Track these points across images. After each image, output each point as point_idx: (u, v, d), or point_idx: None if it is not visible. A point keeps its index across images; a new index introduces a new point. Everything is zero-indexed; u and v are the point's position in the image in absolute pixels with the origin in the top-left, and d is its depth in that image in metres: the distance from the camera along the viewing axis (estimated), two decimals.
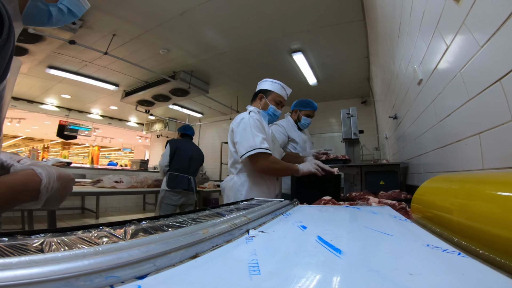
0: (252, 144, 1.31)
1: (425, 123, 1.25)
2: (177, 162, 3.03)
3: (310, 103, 2.29)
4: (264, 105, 1.58)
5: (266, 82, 1.65)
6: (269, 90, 1.60)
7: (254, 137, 1.33)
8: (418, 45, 1.18)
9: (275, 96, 1.60)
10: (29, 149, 12.39)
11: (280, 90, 1.62)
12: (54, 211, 2.30)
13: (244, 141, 1.34)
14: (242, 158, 1.34)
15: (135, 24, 3.44)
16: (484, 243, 0.34)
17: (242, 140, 1.36)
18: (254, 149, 1.30)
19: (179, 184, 2.97)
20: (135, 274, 0.25)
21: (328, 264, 0.31)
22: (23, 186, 0.45)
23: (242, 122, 1.41)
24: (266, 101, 1.58)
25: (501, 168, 0.62)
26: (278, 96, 1.60)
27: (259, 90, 1.64)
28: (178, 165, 3.04)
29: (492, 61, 0.62)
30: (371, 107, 5.22)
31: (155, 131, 8.44)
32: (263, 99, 1.58)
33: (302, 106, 2.28)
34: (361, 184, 1.89)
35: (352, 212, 0.76)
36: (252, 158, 1.33)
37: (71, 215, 4.44)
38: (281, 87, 1.63)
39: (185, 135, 3.34)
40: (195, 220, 0.52)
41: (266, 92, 1.60)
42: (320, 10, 3.10)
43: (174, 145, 3.08)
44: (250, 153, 1.30)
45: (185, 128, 3.39)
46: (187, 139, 3.31)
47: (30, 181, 0.46)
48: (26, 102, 6.23)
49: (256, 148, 1.30)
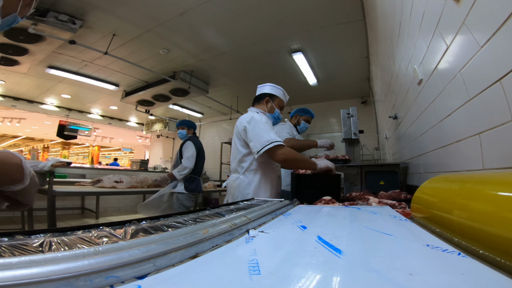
0: (268, 138, 1.36)
1: (425, 123, 1.25)
2: (199, 164, 2.85)
3: (309, 111, 2.54)
4: (271, 108, 1.63)
5: (269, 87, 1.67)
6: (274, 95, 1.65)
7: (269, 132, 1.38)
8: (418, 45, 1.18)
9: (279, 101, 1.66)
10: (29, 149, 12.39)
11: (283, 96, 1.69)
12: (54, 211, 2.30)
13: (259, 137, 1.38)
14: (259, 153, 1.36)
15: (135, 24, 3.44)
16: (484, 243, 0.34)
17: (257, 136, 1.39)
18: (271, 142, 1.35)
19: (197, 187, 2.81)
20: (135, 274, 0.25)
21: (328, 264, 0.31)
22: (8, 159, 0.47)
23: (253, 120, 1.43)
24: (273, 105, 1.63)
25: (501, 168, 0.62)
26: (281, 101, 1.67)
27: (264, 93, 1.66)
28: (200, 167, 2.86)
29: (492, 61, 0.62)
30: (371, 107, 5.22)
31: (155, 131, 8.44)
32: (269, 103, 1.63)
33: (302, 112, 2.52)
34: (361, 184, 1.89)
35: (352, 212, 0.76)
36: (270, 151, 1.36)
37: (71, 215, 4.44)
38: (283, 93, 1.70)
39: (193, 131, 3.10)
40: (195, 220, 0.52)
41: (271, 97, 1.64)
42: (320, 10, 3.10)
43: (197, 145, 2.86)
44: (268, 146, 1.34)
45: (191, 124, 3.10)
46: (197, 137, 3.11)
47: (12, 156, 0.48)
48: (26, 102, 6.23)
49: (273, 141, 1.35)
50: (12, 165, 0.47)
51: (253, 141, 1.40)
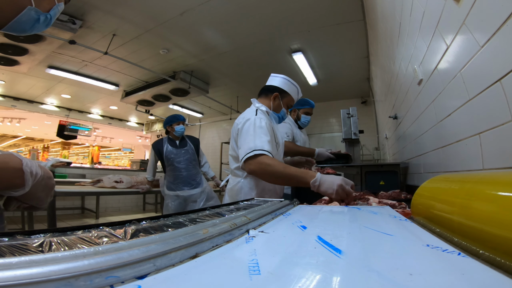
0: (251, 145, 1.16)
1: (425, 123, 1.25)
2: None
3: (308, 101, 2.26)
4: (277, 106, 1.41)
5: (283, 80, 1.43)
6: (286, 92, 1.42)
7: (256, 138, 1.18)
8: (418, 45, 1.18)
9: (289, 100, 1.44)
10: (29, 149, 12.39)
11: (295, 95, 1.46)
12: (54, 211, 2.29)
13: (245, 144, 1.20)
14: (241, 161, 1.20)
15: (135, 24, 3.44)
16: (484, 243, 0.34)
17: (244, 142, 1.22)
18: (252, 150, 1.15)
19: None
20: (135, 274, 0.25)
21: (328, 264, 0.31)
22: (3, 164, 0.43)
23: (247, 123, 1.27)
24: (280, 103, 1.41)
25: (501, 168, 0.62)
26: (292, 100, 1.45)
27: (274, 87, 1.43)
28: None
29: (492, 61, 0.62)
30: (371, 107, 5.22)
31: (155, 131, 8.45)
32: (277, 99, 1.41)
33: (300, 105, 2.25)
34: (361, 184, 1.89)
35: (352, 212, 0.76)
36: (248, 161, 1.16)
37: (71, 215, 4.44)
38: (297, 90, 1.46)
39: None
40: (195, 220, 0.52)
41: (282, 93, 1.42)
42: (320, 10, 3.10)
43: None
44: (248, 154, 1.14)
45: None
46: None
47: (10, 160, 0.44)
48: (26, 102, 6.23)
49: (255, 149, 1.14)
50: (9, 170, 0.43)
51: (240, 148, 1.22)
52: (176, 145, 2.73)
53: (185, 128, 2.83)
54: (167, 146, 2.70)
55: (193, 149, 2.80)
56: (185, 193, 2.69)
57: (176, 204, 2.67)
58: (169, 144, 2.71)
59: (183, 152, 2.73)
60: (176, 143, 2.74)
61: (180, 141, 2.77)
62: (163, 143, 2.73)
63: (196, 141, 2.91)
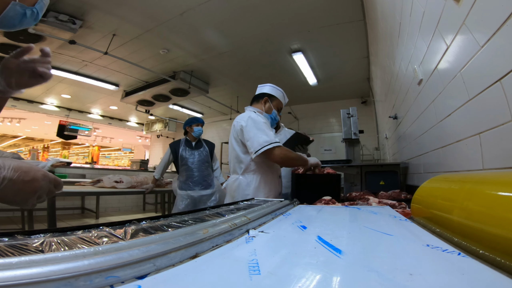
0: (267, 139, 1.35)
1: (425, 123, 1.25)
2: None
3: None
4: (268, 109, 1.61)
5: (269, 87, 1.66)
6: (273, 96, 1.63)
7: (267, 132, 1.38)
8: (418, 45, 1.18)
9: (278, 103, 1.64)
10: (29, 149, 12.39)
11: (282, 98, 1.67)
12: (54, 211, 2.29)
13: (257, 137, 1.37)
14: (257, 153, 1.35)
15: (135, 24, 3.44)
16: (484, 243, 0.34)
17: (254, 136, 1.38)
18: (270, 143, 1.34)
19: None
20: (135, 274, 0.25)
21: (328, 264, 0.31)
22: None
23: (250, 119, 1.42)
24: (271, 106, 1.61)
25: (501, 168, 0.62)
26: (280, 103, 1.65)
27: (263, 93, 1.64)
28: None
29: (492, 61, 0.62)
30: (371, 107, 5.22)
31: (155, 131, 8.44)
32: (267, 103, 1.60)
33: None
34: (361, 184, 1.89)
35: (352, 212, 0.76)
36: (268, 152, 1.37)
37: (71, 215, 4.44)
38: (283, 95, 1.68)
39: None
40: (195, 220, 0.52)
41: (270, 97, 1.62)
42: (320, 10, 3.10)
43: None
44: (267, 147, 1.34)
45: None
46: None
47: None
48: (26, 102, 6.23)
49: (272, 142, 1.35)
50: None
51: (250, 141, 1.39)
52: (191, 146, 2.85)
53: (202, 131, 2.95)
54: (183, 146, 2.83)
55: (208, 152, 2.90)
56: (196, 193, 2.75)
57: (186, 203, 2.73)
58: (185, 145, 2.84)
59: (197, 153, 2.84)
60: (192, 144, 2.86)
61: (196, 143, 2.88)
62: (180, 143, 2.86)
63: (212, 145, 3.00)
